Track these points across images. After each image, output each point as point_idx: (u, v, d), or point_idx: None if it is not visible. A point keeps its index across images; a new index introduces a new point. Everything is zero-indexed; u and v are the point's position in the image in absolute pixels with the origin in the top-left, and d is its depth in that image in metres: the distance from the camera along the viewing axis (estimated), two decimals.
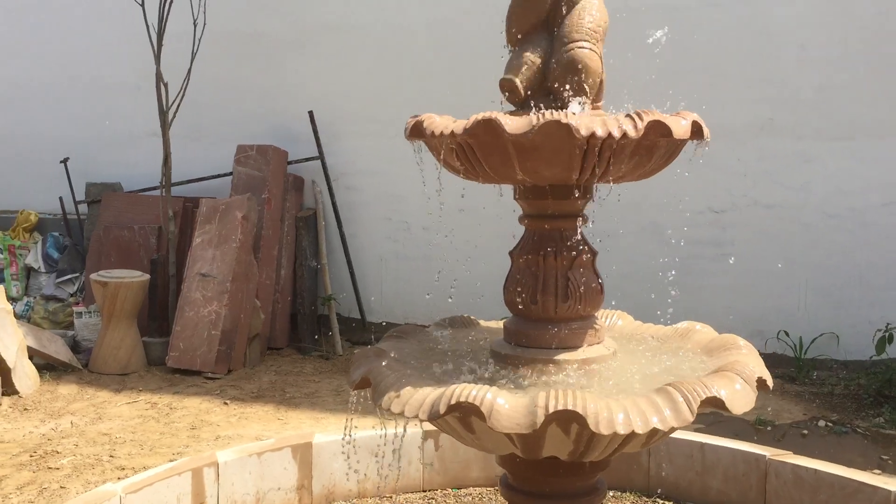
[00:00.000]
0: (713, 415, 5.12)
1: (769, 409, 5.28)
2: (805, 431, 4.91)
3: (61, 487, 4.02)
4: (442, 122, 2.23)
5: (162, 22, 6.38)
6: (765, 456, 3.66)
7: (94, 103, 7.72)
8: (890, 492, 3.31)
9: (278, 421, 5.07)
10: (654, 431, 2.01)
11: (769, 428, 4.96)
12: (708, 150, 6.39)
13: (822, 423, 5.04)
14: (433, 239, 6.53)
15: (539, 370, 2.31)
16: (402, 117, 6.50)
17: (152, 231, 6.90)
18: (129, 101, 7.53)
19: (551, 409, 1.96)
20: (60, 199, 7.61)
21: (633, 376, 2.31)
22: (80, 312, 6.43)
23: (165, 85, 6.42)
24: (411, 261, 6.84)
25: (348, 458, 3.46)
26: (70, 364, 5.99)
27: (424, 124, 2.25)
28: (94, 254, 7.01)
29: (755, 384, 2.20)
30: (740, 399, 2.12)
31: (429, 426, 3.94)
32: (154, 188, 7.18)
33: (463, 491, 3.97)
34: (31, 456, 4.43)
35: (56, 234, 7.47)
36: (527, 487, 2.44)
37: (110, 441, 4.69)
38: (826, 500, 3.45)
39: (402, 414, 2.14)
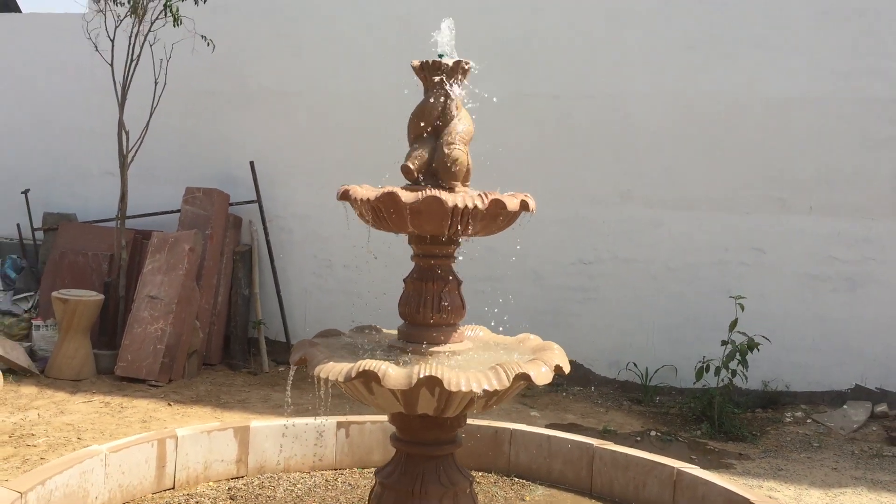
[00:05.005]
0: (571, 425, 6.40)
1: (616, 422, 6.60)
2: (638, 438, 6.22)
3: (41, 458, 4.98)
4: (361, 192, 3.43)
5: (127, 80, 7.43)
6: (592, 444, 4.90)
7: (56, 143, 8.70)
8: (673, 468, 4.58)
9: (215, 419, 6.09)
10: (486, 392, 3.21)
11: (612, 436, 6.24)
12: (579, 213, 7.86)
13: (653, 433, 6.37)
14: (352, 276, 7.72)
15: (418, 356, 3.50)
16: (331, 170, 7.90)
17: (104, 257, 7.86)
18: (88, 143, 8.52)
19: (422, 375, 3.14)
20: (18, 225, 8.49)
21: (480, 361, 3.52)
22: (38, 326, 7.32)
23: (127, 132, 7.45)
24: (332, 293, 7.99)
25: (285, 429, 4.54)
26: (29, 370, 6.87)
27: (350, 192, 3.44)
28: (49, 275, 7.91)
29: (553, 369, 3.43)
30: (542, 376, 3.34)
31: (342, 419, 5.09)
32: (106, 220, 8.16)
33: (366, 470, 5.05)
34: (10, 437, 5.35)
35: (14, 256, 8.34)
36: (408, 438, 3.61)
37: (74, 429, 5.64)
38: (633, 475, 4.70)
39: (326, 379, 3.28)
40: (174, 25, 7.26)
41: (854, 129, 6.93)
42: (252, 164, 7.99)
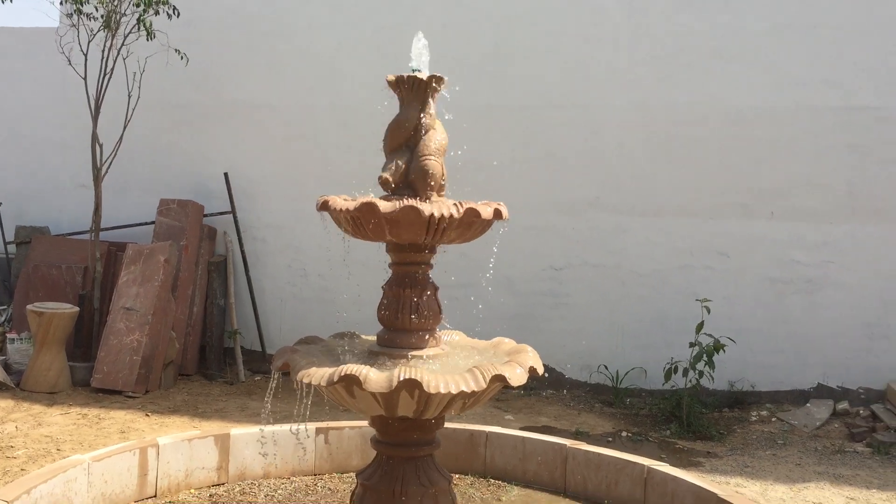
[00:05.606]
0: (544, 427, 6.55)
1: (588, 424, 6.76)
2: (610, 439, 6.38)
3: (21, 470, 5.01)
4: (340, 202, 3.55)
5: (100, 93, 7.47)
6: (565, 444, 5.04)
7: (29, 157, 8.70)
8: (644, 466, 4.74)
9: (194, 428, 6.15)
10: (463, 393, 3.33)
11: (585, 437, 6.39)
12: (549, 221, 8.02)
13: (624, 434, 6.54)
14: (327, 285, 7.82)
15: (398, 360, 3.61)
16: (305, 182, 8.00)
17: (78, 270, 7.87)
18: (61, 156, 8.54)
19: (402, 378, 3.26)
20: None
21: (457, 365, 3.65)
22: (13, 339, 7.32)
23: (100, 145, 7.48)
24: (307, 302, 8.07)
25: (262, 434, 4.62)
26: (4, 383, 6.87)
27: (329, 203, 3.56)
28: (22, 288, 7.90)
29: (528, 371, 3.57)
30: (517, 378, 3.47)
31: (321, 425, 5.19)
32: (80, 232, 8.18)
33: (345, 474, 5.15)
34: None
35: None
36: (388, 439, 3.72)
37: (53, 440, 5.67)
38: (605, 474, 4.84)
39: (309, 384, 3.39)
40: (147, 39, 7.32)
41: (811, 137, 7.19)
42: (226, 175, 8.06)
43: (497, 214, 3.62)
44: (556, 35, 7.59)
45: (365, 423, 4.85)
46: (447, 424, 4.74)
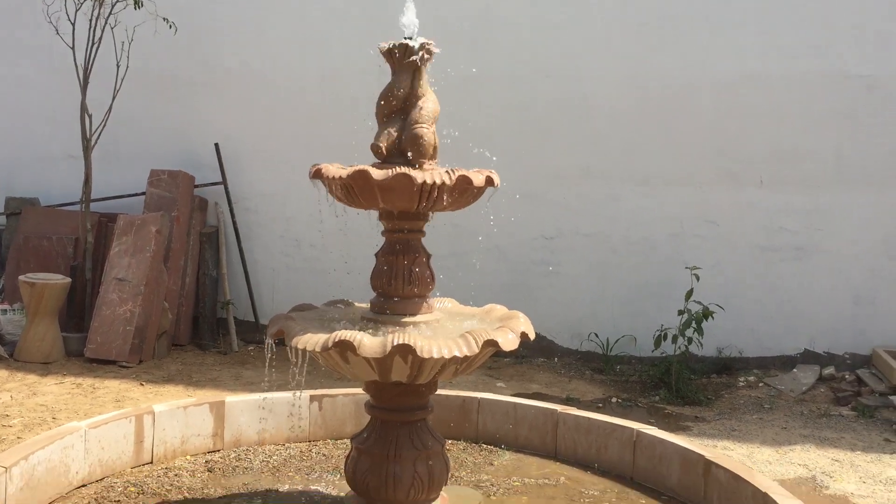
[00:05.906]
0: (535, 394, 6.63)
1: (578, 391, 6.84)
2: (600, 405, 6.47)
3: (18, 438, 5.06)
4: (333, 170, 3.57)
5: (88, 63, 7.41)
6: (556, 410, 5.11)
7: (17, 128, 8.64)
8: (633, 430, 4.81)
9: (188, 397, 6.20)
10: (456, 358, 3.38)
11: (575, 403, 6.48)
12: (540, 190, 8.05)
13: (614, 400, 6.63)
14: (319, 255, 7.85)
15: (391, 326, 3.66)
16: (297, 151, 7.99)
17: (69, 241, 7.87)
18: (49, 127, 8.49)
19: (395, 343, 3.31)
20: None
21: (450, 330, 3.70)
22: (5, 310, 7.33)
23: (90, 116, 7.44)
24: (300, 272, 8.10)
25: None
26: None
27: (322, 170, 3.58)
28: (13, 260, 7.90)
29: (520, 336, 3.62)
30: (509, 343, 3.52)
31: (315, 392, 5.24)
32: (70, 203, 8.16)
33: (339, 441, 5.22)
34: None
35: None
36: (382, 405, 3.78)
37: (48, 409, 5.71)
38: (595, 438, 4.92)
39: (304, 350, 3.43)
40: (135, 8, 7.26)
41: (800, 105, 7.22)
42: (217, 145, 8.04)
43: (489, 182, 3.64)
44: (545, 2, 7.55)
45: (358, 390, 4.90)
46: (440, 391, 4.80)
